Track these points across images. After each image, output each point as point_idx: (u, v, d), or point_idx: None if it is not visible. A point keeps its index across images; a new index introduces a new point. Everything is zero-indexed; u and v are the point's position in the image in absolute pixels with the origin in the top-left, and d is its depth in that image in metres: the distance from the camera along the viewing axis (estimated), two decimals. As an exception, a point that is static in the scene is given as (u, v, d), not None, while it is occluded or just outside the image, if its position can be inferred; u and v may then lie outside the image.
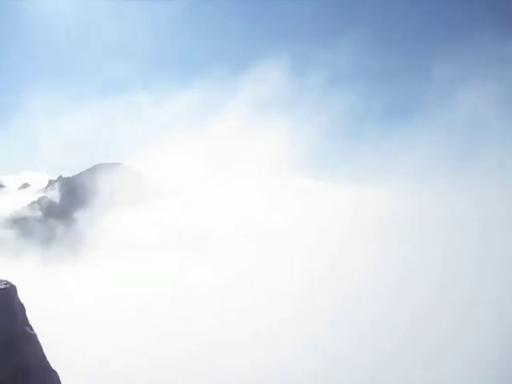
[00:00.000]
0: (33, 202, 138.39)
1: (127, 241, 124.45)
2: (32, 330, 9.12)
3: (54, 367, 10.89)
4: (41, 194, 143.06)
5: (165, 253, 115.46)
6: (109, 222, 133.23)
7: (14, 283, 8.60)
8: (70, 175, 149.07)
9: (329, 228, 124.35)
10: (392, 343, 67.02)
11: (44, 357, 9.75)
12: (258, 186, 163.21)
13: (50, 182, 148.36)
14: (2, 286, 8.10)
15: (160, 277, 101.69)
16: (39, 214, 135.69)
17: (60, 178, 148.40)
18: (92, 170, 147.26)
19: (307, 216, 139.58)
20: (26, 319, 9.07)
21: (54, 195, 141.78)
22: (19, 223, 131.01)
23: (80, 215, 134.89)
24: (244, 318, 78.09)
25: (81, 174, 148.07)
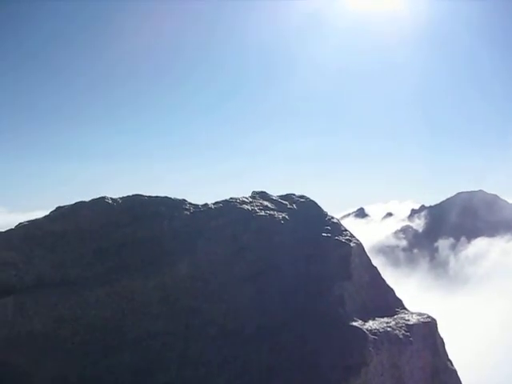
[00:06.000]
0: (397, 231, 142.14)
1: (496, 271, 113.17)
2: (452, 365, 8.53)
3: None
4: (404, 223, 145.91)
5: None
6: (474, 250, 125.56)
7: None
8: (433, 204, 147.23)
9: None
10: None
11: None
12: None
13: (413, 211, 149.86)
14: (425, 320, 7.80)
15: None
16: (403, 242, 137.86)
17: (422, 206, 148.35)
18: (454, 199, 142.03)
19: None
20: (446, 353, 8.54)
21: (418, 224, 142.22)
22: (384, 252, 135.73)
23: (443, 244, 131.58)
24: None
25: (443, 202, 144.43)
